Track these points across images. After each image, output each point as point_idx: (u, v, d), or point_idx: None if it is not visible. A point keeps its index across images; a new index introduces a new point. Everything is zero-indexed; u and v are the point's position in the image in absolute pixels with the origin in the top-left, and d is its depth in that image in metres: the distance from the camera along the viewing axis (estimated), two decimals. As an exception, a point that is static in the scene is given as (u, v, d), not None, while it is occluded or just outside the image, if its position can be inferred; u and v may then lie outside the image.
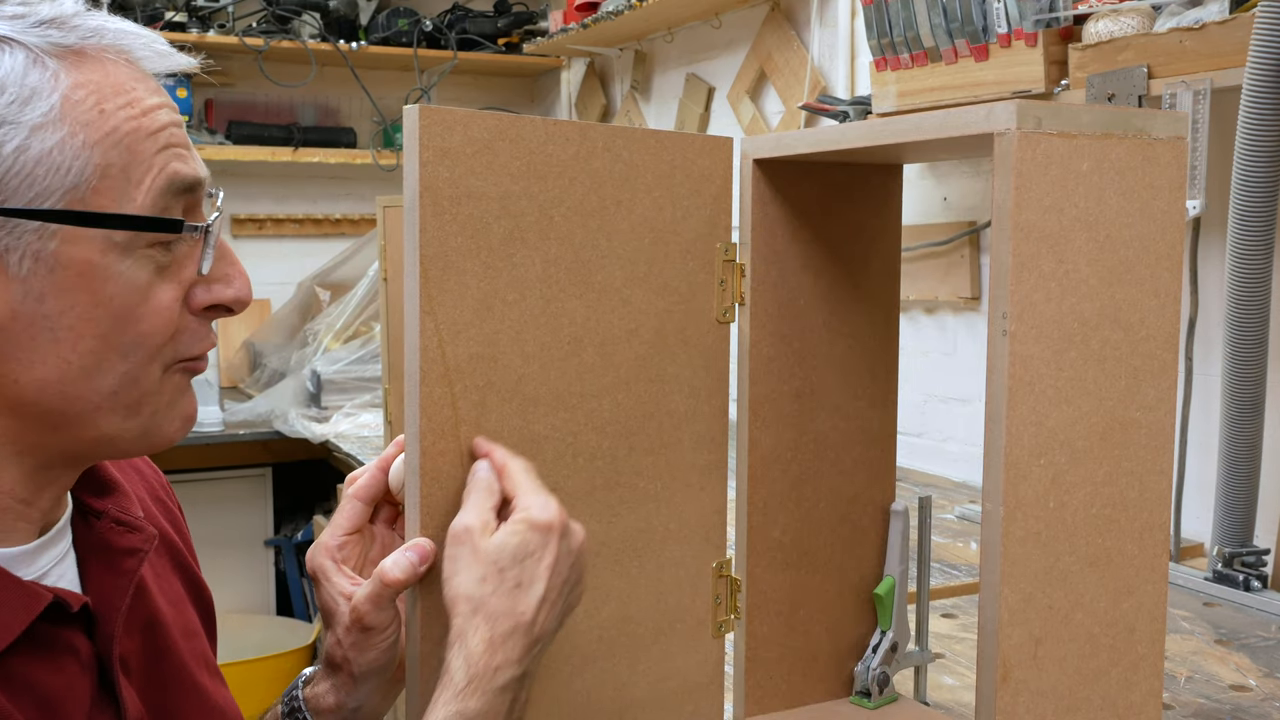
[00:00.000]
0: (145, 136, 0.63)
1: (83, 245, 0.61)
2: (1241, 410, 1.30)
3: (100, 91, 0.62)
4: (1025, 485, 0.66)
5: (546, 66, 3.39)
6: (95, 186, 0.61)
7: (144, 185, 0.63)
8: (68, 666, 0.66)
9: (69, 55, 0.62)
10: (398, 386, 2.04)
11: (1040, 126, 0.64)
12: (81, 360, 0.63)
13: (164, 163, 0.64)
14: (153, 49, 0.67)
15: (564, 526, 0.67)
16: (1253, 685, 1.05)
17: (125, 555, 0.72)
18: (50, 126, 0.60)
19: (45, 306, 0.61)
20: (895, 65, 1.75)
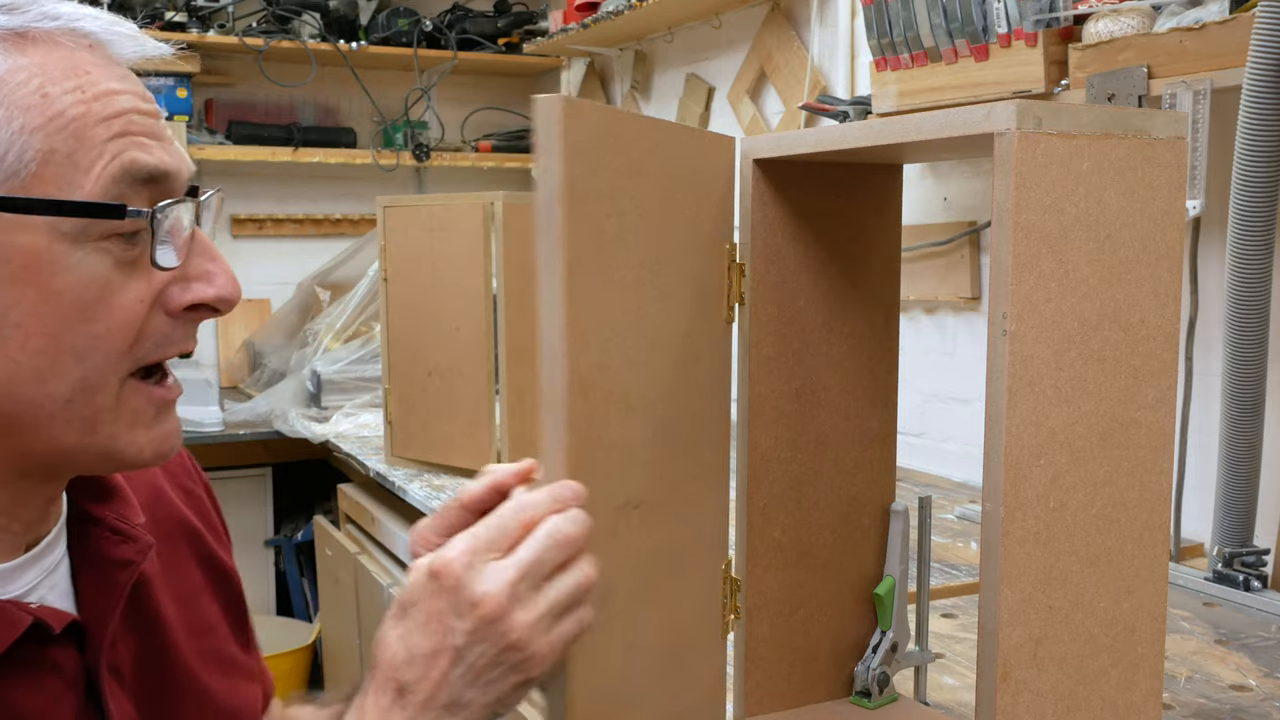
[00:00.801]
0: (96, 122, 0.60)
1: (26, 234, 0.58)
2: (1241, 410, 1.30)
3: (46, 74, 0.59)
4: (1025, 485, 0.66)
5: (546, 66, 3.39)
6: (36, 173, 0.58)
7: (93, 172, 0.60)
8: (50, 685, 0.64)
9: (13, 38, 0.60)
10: (398, 386, 2.04)
11: (1040, 126, 0.64)
12: (31, 360, 0.59)
13: (118, 150, 0.60)
14: (115, 32, 0.63)
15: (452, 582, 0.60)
16: (1253, 685, 1.05)
17: (119, 567, 0.69)
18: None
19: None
20: (895, 65, 1.75)
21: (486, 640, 0.60)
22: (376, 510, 2.11)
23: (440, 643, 0.60)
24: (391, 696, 0.61)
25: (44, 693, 0.64)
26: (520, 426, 1.95)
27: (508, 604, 0.59)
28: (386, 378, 2.07)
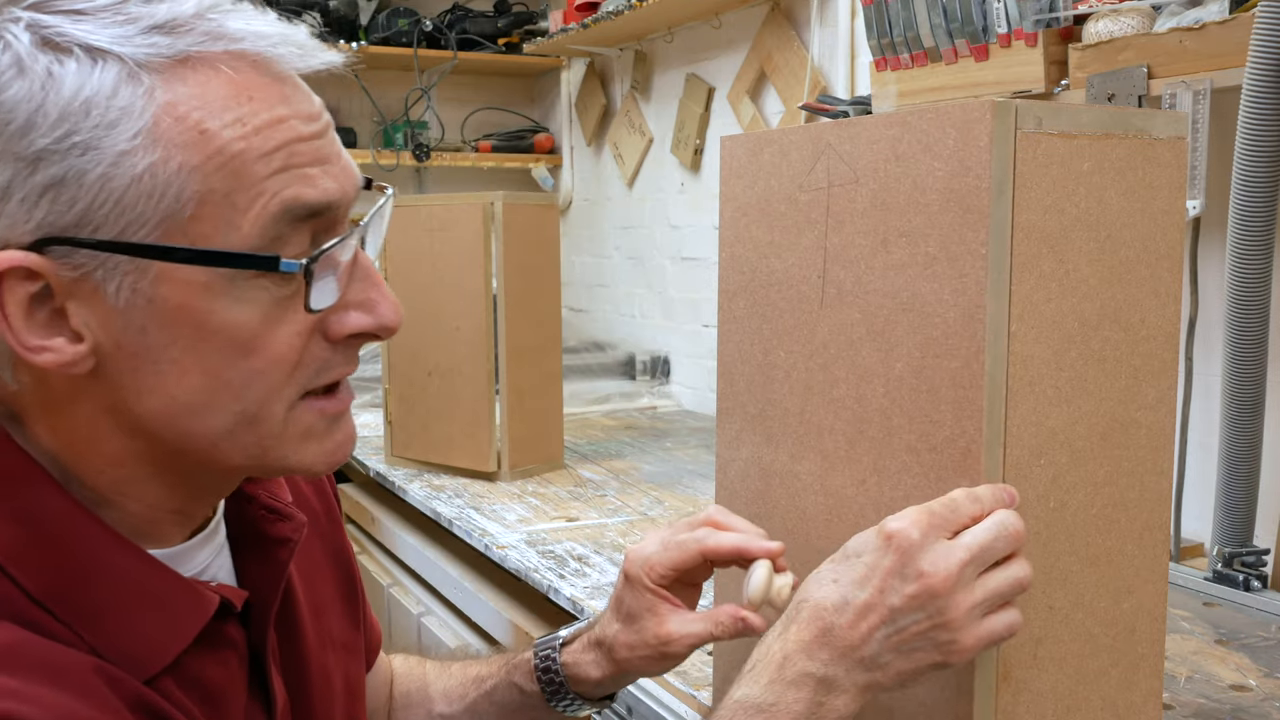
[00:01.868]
0: (256, 158, 0.57)
1: (183, 279, 0.57)
2: (1241, 410, 1.30)
3: (205, 107, 0.56)
4: (1025, 485, 0.66)
5: (546, 66, 3.39)
6: (194, 215, 0.56)
7: (251, 212, 0.57)
8: (229, 660, 0.66)
9: (173, 66, 0.56)
10: (398, 386, 2.04)
11: (1040, 126, 0.64)
12: (189, 397, 0.59)
13: (279, 187, 0.58)
14: (287, 46, 0.60)
15: (905, 545, 0.63)
16: (1253, 685, 1.05)
17: (277, 545, 0.71)
18: (141, 150, 0.55)
19: (148, 339, 0.58)
20: (895, 65, 1.75)
21: (923, 611, 0.63)
22: (376, 510, 2.12)
23: (878, 600, 0.64)
24: (816, 633, 0.65)
25: (225, 667, 0.66)
26: (520, 426, 1.95)
27: (953, 583, 0.62)
28: (386, 378, 2.07)
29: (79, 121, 0.54)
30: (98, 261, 0.56)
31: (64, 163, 0.54)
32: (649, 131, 2.94)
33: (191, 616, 0.63)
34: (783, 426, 0.79)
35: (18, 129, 0.54)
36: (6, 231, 0.55)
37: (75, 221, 0.55)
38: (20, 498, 0.59)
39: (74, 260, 0.56)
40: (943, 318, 0.66)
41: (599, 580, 1.39)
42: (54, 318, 0.57)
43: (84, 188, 0.54)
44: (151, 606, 0.61)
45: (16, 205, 0.55)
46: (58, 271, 0.56)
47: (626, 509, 1.76)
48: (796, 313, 0.77)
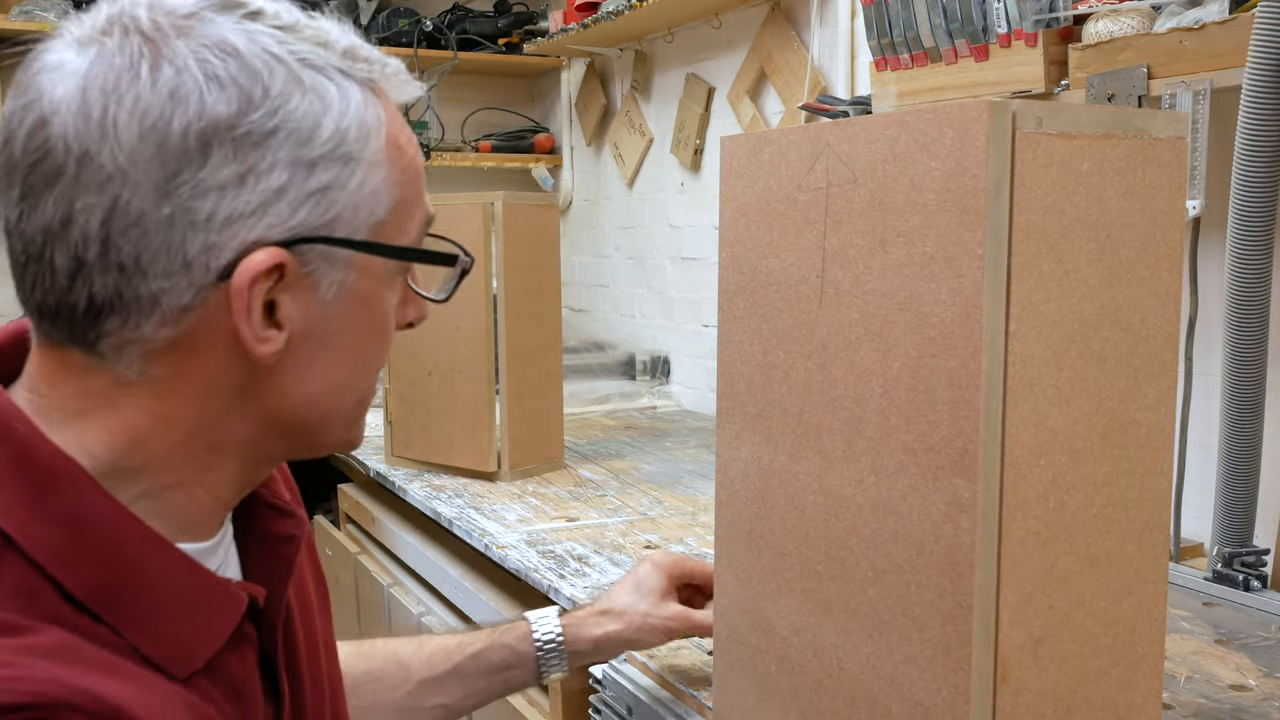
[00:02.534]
0: (418, 173, 0.66)
1: (372, 273, 0.64)
2: (1241, 410, 1.30)
3: (396, 126, 0.64)
4: (1025, 485, 0.66)
5: (546, 66, 3.39)
6: (390, 220, 0.64)
7: (415, 219, 0.66)
8: (249, 657, 0.68)
9: (377, 89, 0.64)
10: (398, 386, 2.04)
11: (1040, 126, 0.64)
12: (342, 378, 0.66)
13: (424, 199, 0.68)
14: (403, 78, 0.67)
15: None
16: (1253, 685, 1.05)
17: (282, 542, 0.73)
18: (380, 164, 0.62)
19: (332, 326, 0.64)
20: (895, 65, 1.75)
21: None
22: (377, 510, 2.12)
23: None
24: None
25: (246, 664, 0.68)
26: (520, 426, 1.95)
27: None
28: (386, 378, 2.07)
29: (347, 134, 0.61)
30: (325, 259, 0.62)
31: (334, 170, 0.60)
32: (649, 131, 2.94)
33: (226, 615, 0.65)
34: (782, 426, 0.79)
35: (302, 137, 0.59)
36: (265, 230, 0.59)
37: (328, 223, 0.61)
38: (63, 498, 0.59)
39: (309, 258, 0.61)
40: (940, 318, 0.66)
41: (599, 580, 1.39)
42: (265, 313, 0.61)
43: (344, 193, 0.61)
44: (189, 606, 0.63)
45: (286, 205, 0.59)
46: (295, 268, 0.61)
47: (626, 509, 1.76)
48: (795, 313, 0.77)
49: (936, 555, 0.67)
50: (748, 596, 0.84)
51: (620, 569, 1.44)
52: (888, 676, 0.72)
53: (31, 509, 0.58)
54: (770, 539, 0.81)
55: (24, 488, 0.58)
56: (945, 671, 0.66)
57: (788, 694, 0.81)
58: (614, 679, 1.16)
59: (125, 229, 0.57)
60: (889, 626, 0.71)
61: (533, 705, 1.43)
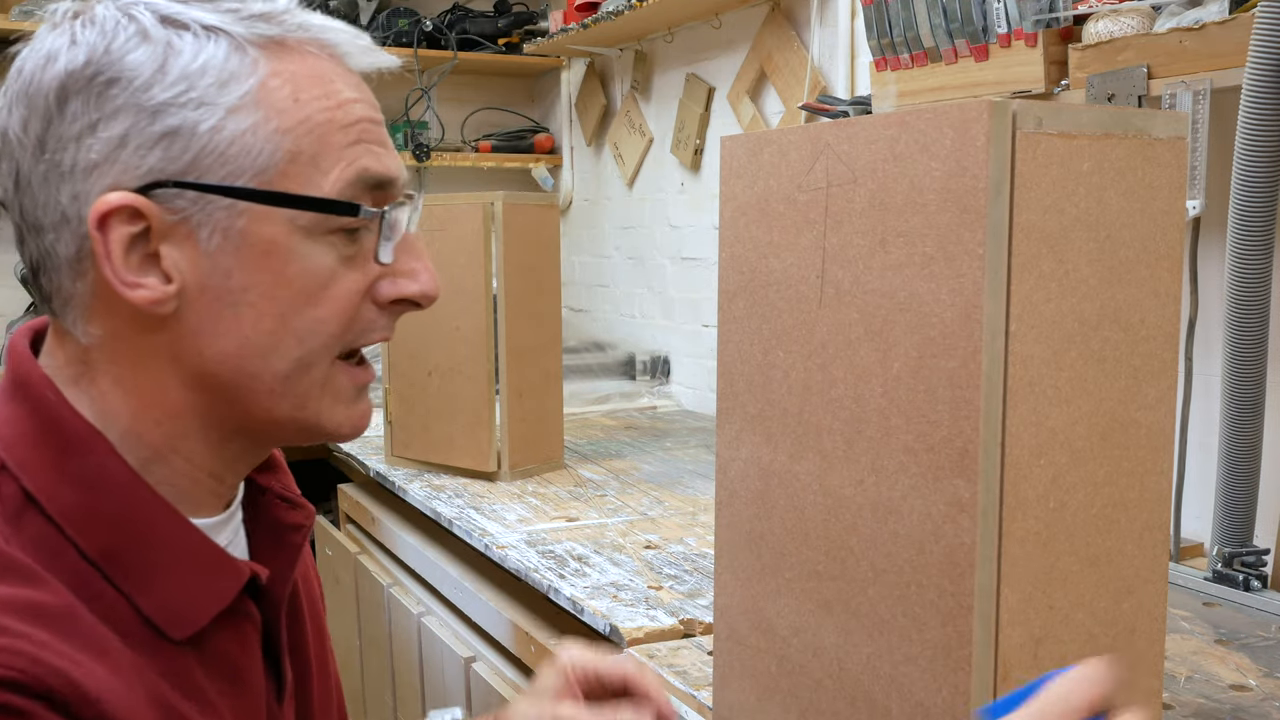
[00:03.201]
0: (338, 128, 0.66)
1: (268, 224, 0.64)
2: (1241, 410, 1.30)
3: (297, 81, 0.65)
4: (1025, 485, 0.66)
5: (546, 66, 3.39)
6: (283, 170, 0.64)
7: (332, 175, 0.66)
8: (249, 637, 0.71)
9: (272, 45, 0.65)
10: (398, 386, 2.04)
11: (1040, 126, 0.64)
12: (260, 338, 0.65)
13: (355, 156, 0.66)
14: (356, 45, 0.69)
15: None
16: (1253, 685, 1.05)
17: (291, 531, 0.76)
18: (245, 110, 0.63)
19: (231, 281, 0.64)
20: (895, 65, 1.75)
21: None
22: (376, 510, 2.12)
23: None
24: None
25: (246, 644, 0.71)
26: (520, 426, 1.95)
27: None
28: (386, 378, 2.07)
29: (195, 81, 0.63)
30: (197, 207, 0.63)
31: (180, 115, 0.62)
32: (649, 131, 2.94)
33: (225, 584, 0.68)
34: (782, 426, 0.79)
35: (141, 84, 0.62)
36: (119, 175, 0.62)
37: (184, 169, 0.63)
38: (82, 462, 0.64)
39: (175, 205, 0.63)
40: (940, 318, 0.66)
41: (599, 580, 1.39)
42: (148, 260, 0.64)
43: (196, 137, 0.62)
44: (191, 570, 0.66)
45: (131, 152, 0.62)
46: (160, 215, 0.63)
47: (626, 509, 1.76)
48: (795, 313, 0.77)
49: (937, 555, 0.67)
50: (748, 596, 0.84)
51: (620, 569, 1.44)
52: (888, 676, 0.72)
53: (56, 470, 0.64)
54: (770, 539, 0.81)
55: (50, 451, 0.64)
56: (945, 671, 0.66)
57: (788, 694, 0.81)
58: (614, 679, 1.16)
59: (24, 189, 0.64)
60: (889, 626, 0.71)
61: (533, 705, 1.43)
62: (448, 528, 1.74)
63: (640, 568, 1.44)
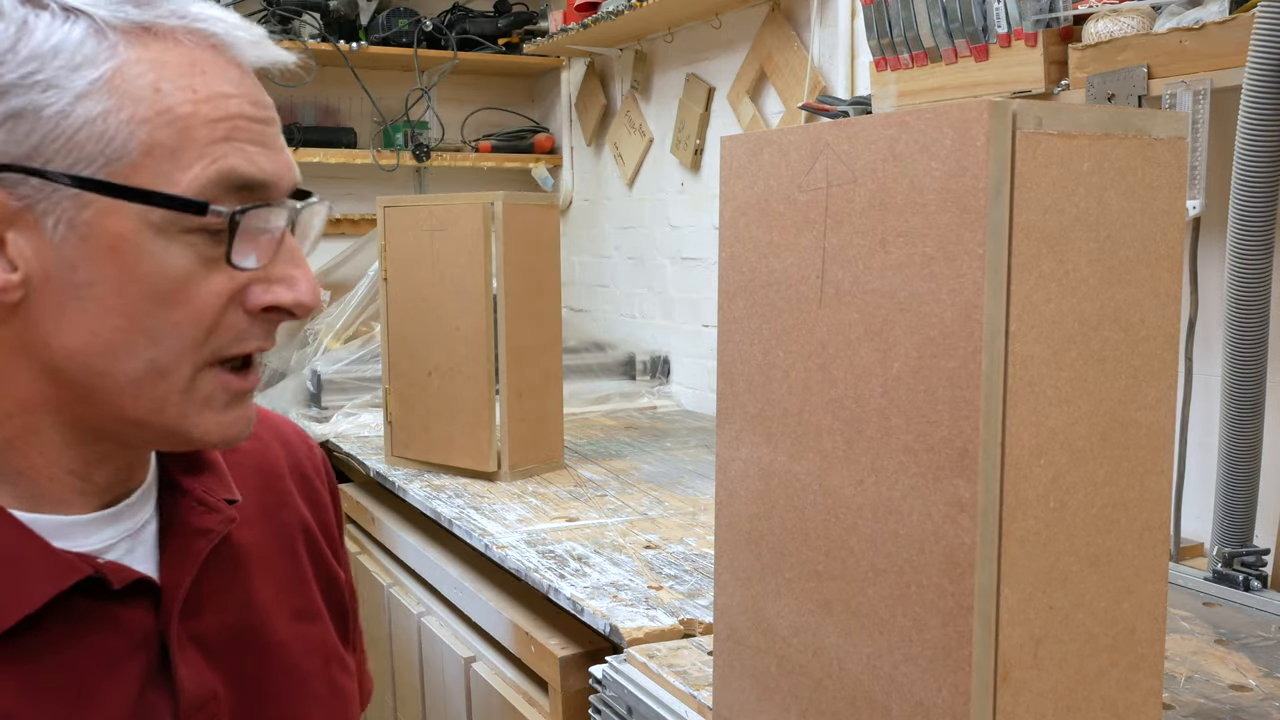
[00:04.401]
0: (203, 123, 0.62)
1: (117, 218, 0.61)
2: (1241, 410, 1.30)
3: (161, 70, 0.61)
4: (1025, 485, 0.66)
5: (546, 66, 3.39)
6: (137, 162, 0.61)
7: (191, 171, 0.62)
8: (105, 642, 0.66)
9: (137, 31, 0.62)
10: (398, 386, 2.04)
11: (1040, 126, 0.64)
12: (109, 336, 0.62)
13: (220, 154, 0.62)
14: (238, 36, 0.65)
15: None
16: (1253, 685, 1.05)
17: (197, 535, 0.72)
18: (96, 95, 0.60)
19: (76, 275, 0.61)
20: (895, 65, 1.75)
21: None
22: (376, 510, 2.11)
23: None
24: None
25: (100, 650, 0.66)
26: (520, 426, 1.95)
27: None
28: (386, 378, 2.07)
29: (45, 62, 0.59)
30: (43, 194, 0.60)
31: (26, 97, 0.59)
32: (649, 131, 2.94)
33: (42, 584, 0.63)
34: (782, 426, 0.79)
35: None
36: None
37: (28, 153, 0.60)
38: None
39: (20, 191, 0.60)
40: (940, 318, 0.66)
41: (599, 580, 1.39)
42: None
43: (41, 121, 0.59)
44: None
45: None
46: (4, 200, 0.60)
47: (626, 509, 1.76)
48: (795, 313, 0.77)
49: (936, 555, 0.67)
50: (748, 596, 0.84)
51: (620, 569, 1.44)
52: (888, 676, 0.72)
53: None
54: (770, 539, 0.81)
55: None
56: (945, 671, 0.66)
57: (788, 694, 0.81)
58: (614, 679, 1.16)
59: None
60: (889, 626, 0.71)
61: (532, 705, 1.43)
62: (448, 528, 1.74)
63: (640, 568, 1.44)
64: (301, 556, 0.82)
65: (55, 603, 0.64)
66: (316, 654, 0.80)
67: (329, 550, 0.85)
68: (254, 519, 0.80)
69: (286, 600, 0.79)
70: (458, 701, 1.64)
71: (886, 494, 0.70)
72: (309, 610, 0.81)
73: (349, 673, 0.84)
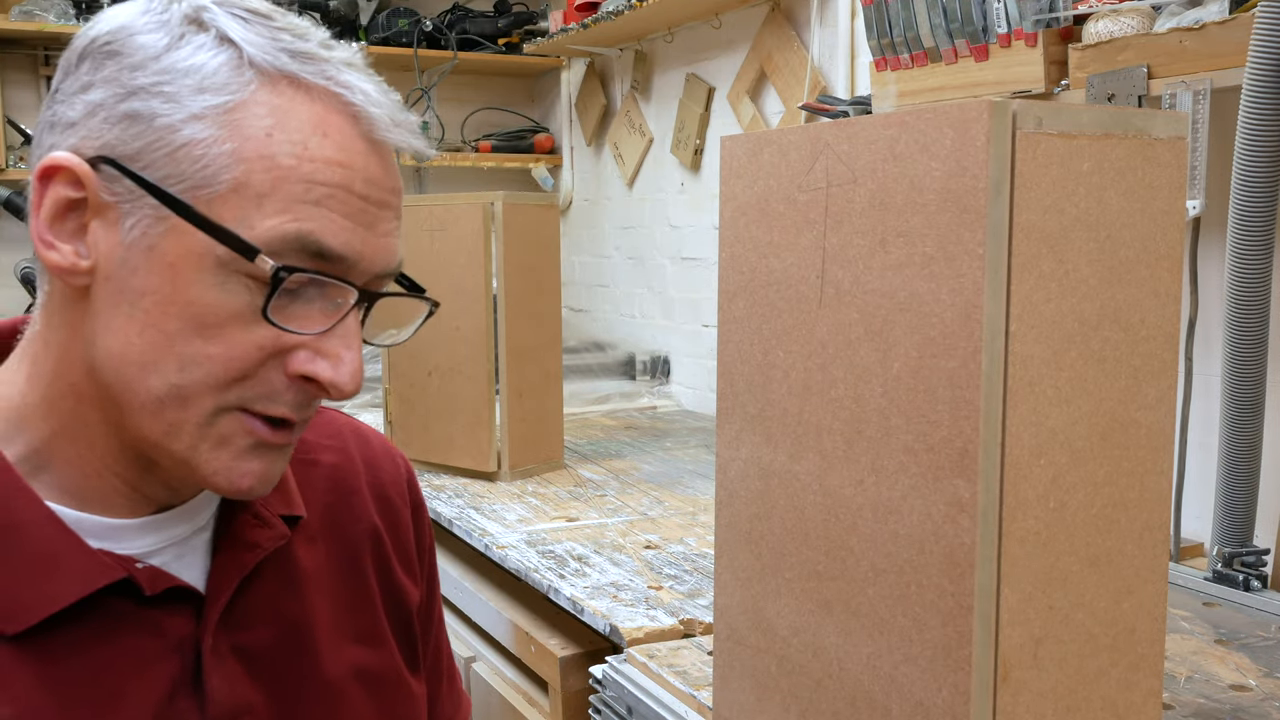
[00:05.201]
0: (301, 180, 0.62)
1: (187, 239, 0.62)
2: (1241, 410, 1.30)
3: (282, 119, 0.63)
4: (1025, 485, 0.66)
5: (546, 66, 3.39)
6: (223, 195, 0.62)
7: (271, 220, 0.62)
8: (139, 644, 0.67)
9: (279, 77, 0.63)
10: (398, 386, 2.04)
11: (1040, 126, 0.64)
12: (143, 348, 0.63)
13: (305, 215, 0.62)
14: (373, 111, 0.66)
15: None
16: (1253, 685, 1.05)
17: (247, 548, 0.72)
18: (208, 121, 0.62)
19: (134, 281, 0.63)
20: (895, 65, 1.75)
21: None
22: (376, 510, 2.11)
23: None
24: None
25: (132, 652, 0.66)
26: (520, 426, 1.95)
27: None
28: (386, 378, 2.07)
29: (176, 77, 0.62)
30: (132, 196, 0.62)
31: (149, 102, 0.62)
32: (649, 131, 2.94)
33: (72, 584, 0.64)
34: (782, 426, 0.79)
35: (133, 63, 0.63)
36: (81, 140, 0.63)
37: (132, 154, 0.62)
38: None
39: (114, 188, 0.62)
40: (940, 318, 0.66)
41: (599, 580, 1.39)
42: (76, 232, 0.64)
43: (151, 128, 0.62)
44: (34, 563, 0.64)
45: (99, 121, 0.63)
46: (98, 190, 0.63)
47: (626, 509, 1.76)
48: (795, 313, 0.77)
49: (937, 555, 0.67)
50: (748, 596, 0.84)
51: (620, 569, 1.44)
52: (888, 676, 0.72)
53: None
54: (770, 539, 0.81)
55: None
56: (945, 671, 0.66)
57: (788, 694, 0.81)
58: (614, 679, 1.16)
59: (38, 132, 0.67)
60: (889, 626, 0.71)
61: (532, 705, 1.43)
62: (448, 528, 1.74)
63: (640, 568, 1.44)
64: (369, 577, 0.81)
65: (90, 602, 0.64)
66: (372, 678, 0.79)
67: (403, 571, 0.84)
68: (321, 535, 0.79)
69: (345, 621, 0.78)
70: (458, 701, 1.64)
71: (886, 494, 0.70)
72: (371, 633, 0.80)
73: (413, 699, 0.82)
